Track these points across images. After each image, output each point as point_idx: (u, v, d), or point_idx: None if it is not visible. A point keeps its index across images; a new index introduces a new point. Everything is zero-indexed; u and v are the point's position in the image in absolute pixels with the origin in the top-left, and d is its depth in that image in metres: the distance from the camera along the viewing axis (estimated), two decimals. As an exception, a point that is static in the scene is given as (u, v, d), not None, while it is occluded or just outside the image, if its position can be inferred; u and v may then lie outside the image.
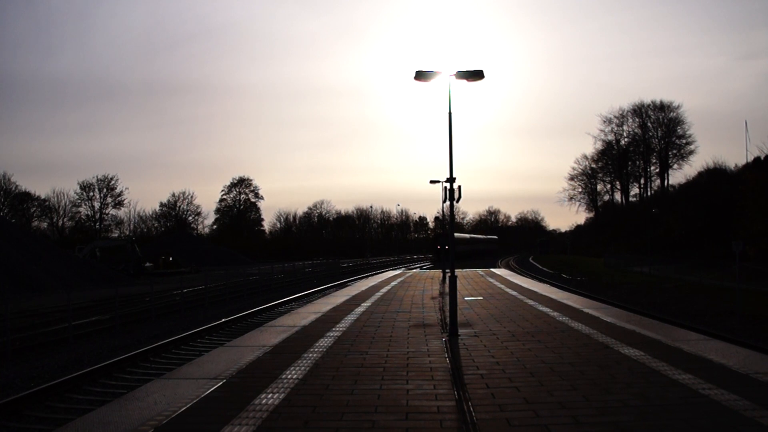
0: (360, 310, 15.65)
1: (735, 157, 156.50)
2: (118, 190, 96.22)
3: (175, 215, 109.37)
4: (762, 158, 55.60)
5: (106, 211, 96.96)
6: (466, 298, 17.89)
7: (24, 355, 15.76)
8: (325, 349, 9.96)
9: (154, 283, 29.45)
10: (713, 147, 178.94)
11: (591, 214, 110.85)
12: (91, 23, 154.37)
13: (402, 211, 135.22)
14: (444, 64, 24.44)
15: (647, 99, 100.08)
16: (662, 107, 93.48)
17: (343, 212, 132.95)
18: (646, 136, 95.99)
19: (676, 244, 61.74)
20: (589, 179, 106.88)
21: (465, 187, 15.35)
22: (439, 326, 12.54)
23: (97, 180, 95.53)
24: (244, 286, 34.47)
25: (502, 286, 22.70)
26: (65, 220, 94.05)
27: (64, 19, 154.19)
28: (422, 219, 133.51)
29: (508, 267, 59.39)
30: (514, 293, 19.71)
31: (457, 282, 12.98)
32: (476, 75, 12.03)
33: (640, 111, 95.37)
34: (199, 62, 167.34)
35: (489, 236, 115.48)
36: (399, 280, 28.46)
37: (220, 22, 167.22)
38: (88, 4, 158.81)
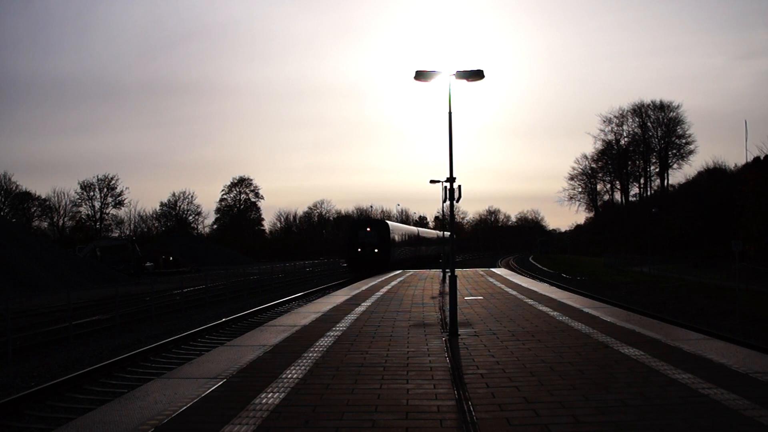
0: (360, 309, 15.66)
1: (735, 157, 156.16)
2: (118, 190, 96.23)
3: (175, 215, 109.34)
4: (762, 158, 55.56)
5: (107, 211, 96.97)
6: (466, 298, 17.90)
7: (24, 354, 15.76)
8: (325, 349, 9.98)
9: (155, 283, 29.47)
10: (713, 147, 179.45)
11: (591, 214, 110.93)
12: (89, 22, 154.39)
13: (402, 210, 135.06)
14: (444, 64, 24.43)
15: (647, 99, 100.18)
16: (662, 107, 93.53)
17: (343, 212, 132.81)
18: (646, 136, 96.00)
19: (676, 244, 61.75)
20: (589, 179, 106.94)
21: (465, 187, 15.37)
22: (439, 326, 12.55)
23: (98, 180, 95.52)
24: (244, 285, 34.45)
25: (502, 286, 22.71)
26: (66, 219, 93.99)
27: (62, 18, 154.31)
28: (422, 219, 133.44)
29: (508, 266, 59.41)
30: (514, 293, 19.72)
31: (457, 282, 12.99)
32: (476, 75, 12.05)
33: (640, 111, 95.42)
34: (199, 61, 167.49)
35: (442, 233, 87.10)
36: (399, 279, 28.47)
37: (219, 22, 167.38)
38: (86, 4, 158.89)
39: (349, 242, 44.92)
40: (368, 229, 45.08)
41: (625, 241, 75.68)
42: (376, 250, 43.17)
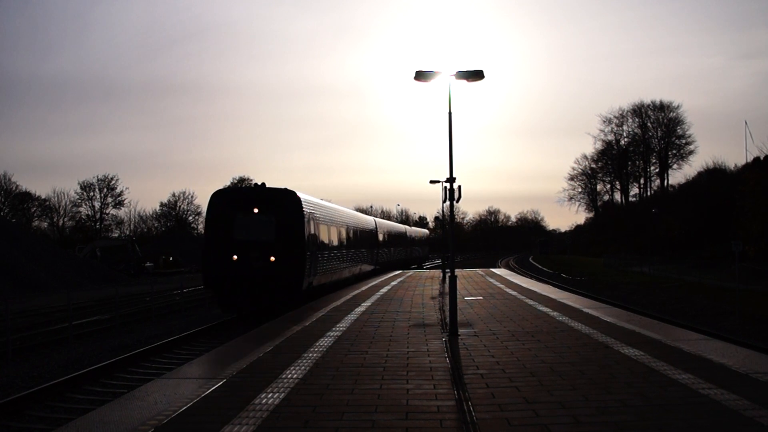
0: (360, 309, 15.67)
1: (735, 157, 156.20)
2: (118, 190, 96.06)
3: (175, 215, 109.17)
4: (762, 158, 55.57)
5: (107, 211, 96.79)
6: (466, 298, 17.90)
7: (25, 354, 15.76)
8: (325, 349, 9.98)
9: (155, 283, 29.48)
10: (713, 147, 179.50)
11: (591, 214, 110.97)
12: (88, 22, 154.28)
13: (402, 211, 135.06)
14: (444, 64, 24.43)
15: (647, 99, 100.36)
16: (662, 107, 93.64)
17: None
18: (646, 136, 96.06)
19: (676, 244, 61.77)
20: (589, 179, 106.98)
21: (465, 187, 15.32)
22: (439, 326, 12.55)
23: (98, 180, 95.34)
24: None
25: (502, 286, 22.71)
26: (65, 219, 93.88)
27: (62, 18, 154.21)
28: (422, 219, 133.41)
29: (507, 267, 59.40)
30: (513, 293, 19.72)
31: (457, 282, 13.00)
32: (476, 75, 12.05)
33: (639, 111, 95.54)
34: (198, 61, 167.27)
35: (413, 230, 60.99)
36: (399, 279, 28.46)
37: (219, 21, 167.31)
38: (86, 4, 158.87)
39: (211, 242, 19.53)
40: (255, 210, 19.36)
41: (625, 241, 75.69)
42: (272, 259, 18.79)
